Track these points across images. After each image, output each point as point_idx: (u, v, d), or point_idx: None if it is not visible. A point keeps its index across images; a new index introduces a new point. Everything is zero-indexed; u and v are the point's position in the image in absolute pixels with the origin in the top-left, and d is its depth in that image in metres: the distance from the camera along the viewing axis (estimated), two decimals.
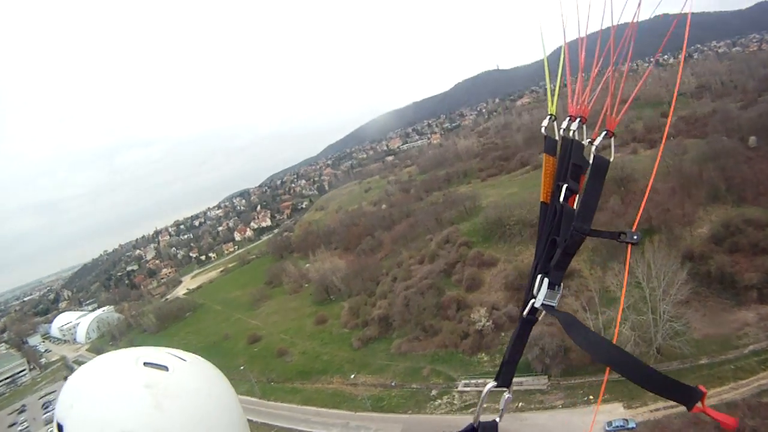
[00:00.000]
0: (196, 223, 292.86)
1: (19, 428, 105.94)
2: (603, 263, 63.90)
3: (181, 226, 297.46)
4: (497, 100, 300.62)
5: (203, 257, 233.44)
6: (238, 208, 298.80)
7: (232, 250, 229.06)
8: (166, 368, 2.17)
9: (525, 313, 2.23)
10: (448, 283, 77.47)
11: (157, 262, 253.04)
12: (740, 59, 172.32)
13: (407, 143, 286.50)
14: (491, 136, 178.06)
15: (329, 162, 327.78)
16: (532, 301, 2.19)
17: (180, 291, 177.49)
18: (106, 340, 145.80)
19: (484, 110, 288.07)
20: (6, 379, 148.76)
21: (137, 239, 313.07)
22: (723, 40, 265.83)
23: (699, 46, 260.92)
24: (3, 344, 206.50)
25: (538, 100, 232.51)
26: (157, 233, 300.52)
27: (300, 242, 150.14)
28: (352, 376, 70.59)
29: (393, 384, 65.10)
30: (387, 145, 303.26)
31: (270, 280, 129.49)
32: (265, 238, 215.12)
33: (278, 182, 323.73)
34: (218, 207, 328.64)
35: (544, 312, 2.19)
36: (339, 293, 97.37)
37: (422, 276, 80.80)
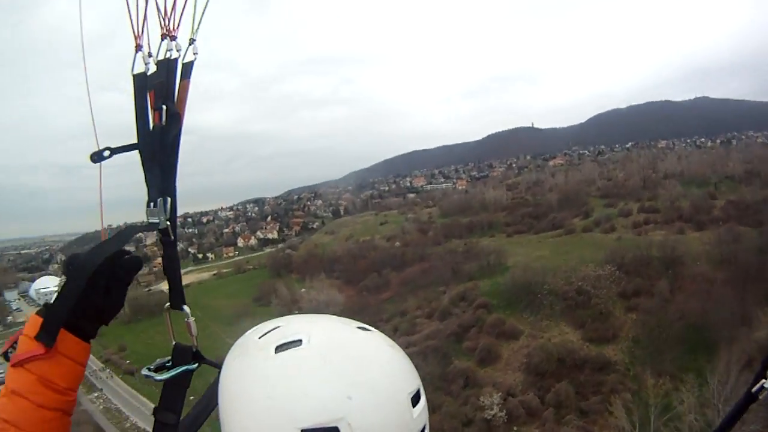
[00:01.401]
0: (204, 219, 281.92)
1: None
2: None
3: (189, 219, 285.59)
4: (529, 157, 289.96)
5: (201, 255, 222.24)
6: (250, 214, 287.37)
7: (231, 255, 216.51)
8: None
9: (754, 388, 1.92)
10: (457, 349, 64.40)
11: (155, 248, 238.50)
12: None
13: (432, 184, 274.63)
14: (521, 191, 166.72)
15: (350, 188, 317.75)
16: (762, 381, 1.91)
17: (167, 285, 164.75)
18: None
19: (514, 165, 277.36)
20: None
21: (143, 221, 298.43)
22: (762, 131, 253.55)
23: (736, 133, 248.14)
24: None
25: (572, 164, 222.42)
26: None
27: (301, 263, 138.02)
28: None
29: None
30: (411, 182, 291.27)
31: (260, 296, 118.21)
32: (268, 250, 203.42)
33: (295, 197, 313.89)
34: (230, 209, 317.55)
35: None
36: None
37: (428, 334, 67.89)
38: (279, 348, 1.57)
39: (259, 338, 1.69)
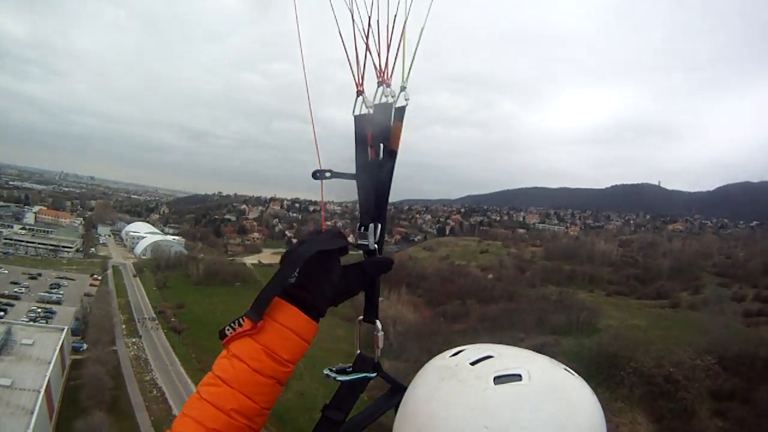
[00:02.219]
0: (311, 208, 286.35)
1: (15, 290, 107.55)
2: None
3: (296, 204, 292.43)
4: (648, 216, 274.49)
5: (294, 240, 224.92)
6: (357, 213, 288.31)
7: None
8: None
9: None
10: None
11: (254, 224, 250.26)
12: None
13: (544, 224, 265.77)
14: (633, 249, 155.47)
15: (462, 209, 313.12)
16: None
17: (251, 259, 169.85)
18: (150, 264, 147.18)
19: (632, 221, 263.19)
20: (53, 245, 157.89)
21: (252, 196, 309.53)
22: None
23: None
24: (80, 218, 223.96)
25: (692, 231, 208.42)
26: (271, 199, 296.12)
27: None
28: None
29: None
30: (524, 218, 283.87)
31: None
32: None
33: (406, 207, 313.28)
34: (339, 204, 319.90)
35: None
36: (387, 351, 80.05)
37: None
38: (498, 379, 1.60)
39: (471, 365, 1.70)
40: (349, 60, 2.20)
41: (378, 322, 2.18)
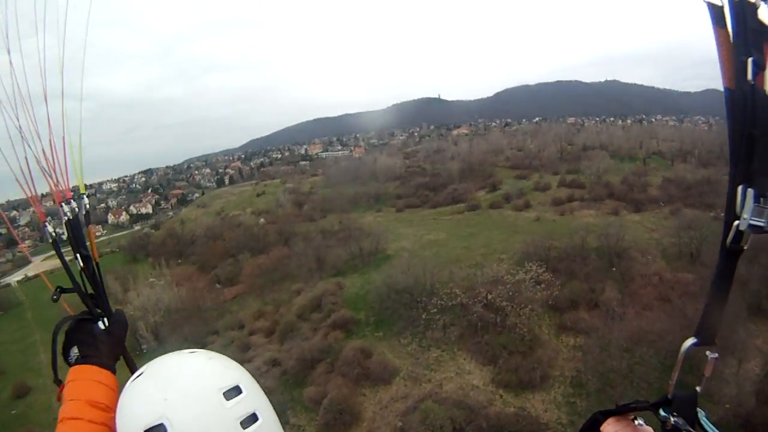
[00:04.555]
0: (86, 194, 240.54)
1: None
2: None
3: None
4: (432, 127, 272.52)
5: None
6: (135, 186, 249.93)
7: (98, 235, 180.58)
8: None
9: (728, 241, 1.57)
10: (296, 398, 38.04)
11: (26, 230, 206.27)
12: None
13: (328, 152, 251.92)
14: (419, 159, 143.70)
15: (242, 155, 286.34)
16: (736, 222, 1.54)
17: (17, 276, 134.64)
18: None
19: (416, 134, 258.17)
20: None
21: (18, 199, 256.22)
22: (670, 115, 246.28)
23: (645, 116, 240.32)
24: None
25: (478, 134, 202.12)
26: (43, 196, 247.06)
27: (158, 246, 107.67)
28: None
29: None
30: (306, 150, 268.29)
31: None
32: (137, 227, 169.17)
33: (185, 166, 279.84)
34: (116, 181, 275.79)
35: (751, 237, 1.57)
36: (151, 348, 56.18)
37: (261, 368, 40.51)
38: (133, 380, 1.91)
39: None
40: (26, 193, 2.50)
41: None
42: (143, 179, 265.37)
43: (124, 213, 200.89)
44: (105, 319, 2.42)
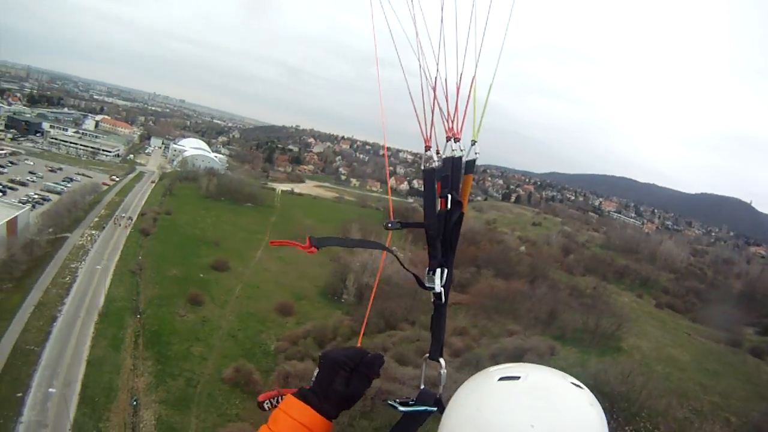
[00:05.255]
0: (380, 152, 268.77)
1: (28, 178, 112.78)
2: None
3: (367, 147, 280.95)
4: (732, 234, 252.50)
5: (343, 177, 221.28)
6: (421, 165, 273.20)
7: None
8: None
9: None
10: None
11: (314, 157, 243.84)
12: None
13: (621, 214, 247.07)
14: (704, 262, 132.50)
15: (538, 182, 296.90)
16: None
17: (285, 187, 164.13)
18: (176, 175, 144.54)
19: (713, 233, 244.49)
20: (93, 148, 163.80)
21: (325, 133, 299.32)
22: None
23: None
24: (137, 128, 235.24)
25: None
26: (342, 138, 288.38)
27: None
28: None
29: None
30: (600, 203, 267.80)
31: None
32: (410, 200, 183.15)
33: (481, 170, 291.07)
34: (413, 154, 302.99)
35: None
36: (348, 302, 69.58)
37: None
38: (501, 379, 1.86)
39: (492, 370, 1.98)
40: (417, 116, 2.31)
41: (442, 361, 2.20)
42: None
43: (406, 182, 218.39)
44: (444, 270, 2.28)
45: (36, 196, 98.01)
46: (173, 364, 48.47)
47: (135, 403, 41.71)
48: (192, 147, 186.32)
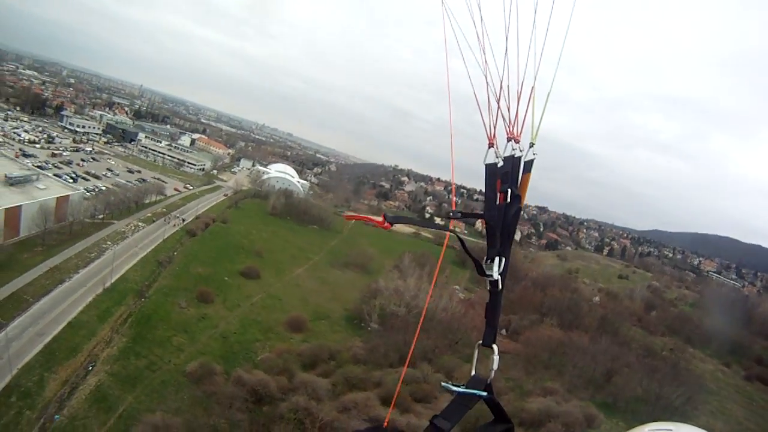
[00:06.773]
0: (475, 197, 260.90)
1: (104, 173, 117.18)
2: None
3: (461, 191, 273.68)
4: None
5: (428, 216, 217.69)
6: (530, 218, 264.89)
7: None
8: None
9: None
10: None
11: (405, 194, 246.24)
12: None
13: (721, 275, 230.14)
14: None
15: (635, 237, 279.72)
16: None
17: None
18: (251, 191, 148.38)
19: None
20: (179, 160, 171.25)
21: (421, 174, 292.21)
22: None
23: None
24: (233, 150, 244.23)
25: None
26: (437, 179, 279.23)
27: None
28: None
29: None
30: (699, 263, 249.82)
31: None
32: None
33: (577, 221, 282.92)
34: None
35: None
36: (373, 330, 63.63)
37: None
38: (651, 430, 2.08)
39: (645, 427, 2.26)
40: (482, 117, 2.57)
41: (495, 347, 2.42)
42: (537, 214, 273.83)
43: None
44: (501, 259, 2.39)
45: (104, 188, 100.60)
46: (145, 346, 46.98)
47: (90, 368, 41.74)
48: (277, 171, 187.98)
